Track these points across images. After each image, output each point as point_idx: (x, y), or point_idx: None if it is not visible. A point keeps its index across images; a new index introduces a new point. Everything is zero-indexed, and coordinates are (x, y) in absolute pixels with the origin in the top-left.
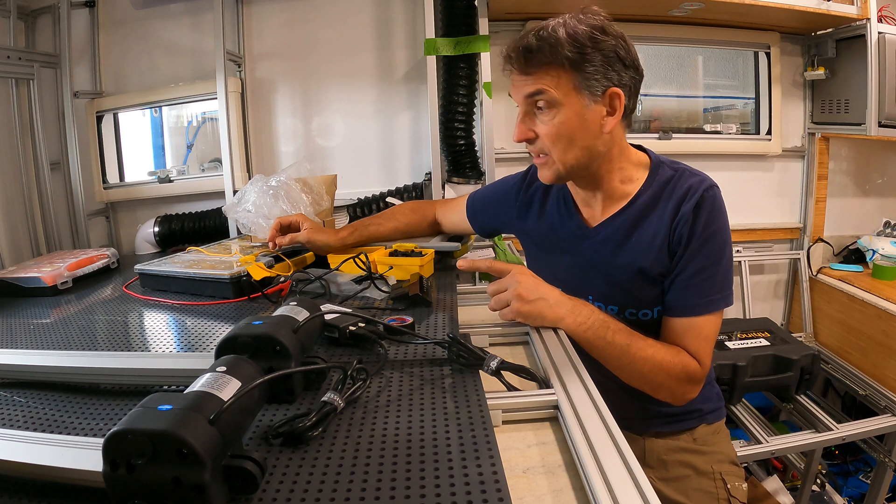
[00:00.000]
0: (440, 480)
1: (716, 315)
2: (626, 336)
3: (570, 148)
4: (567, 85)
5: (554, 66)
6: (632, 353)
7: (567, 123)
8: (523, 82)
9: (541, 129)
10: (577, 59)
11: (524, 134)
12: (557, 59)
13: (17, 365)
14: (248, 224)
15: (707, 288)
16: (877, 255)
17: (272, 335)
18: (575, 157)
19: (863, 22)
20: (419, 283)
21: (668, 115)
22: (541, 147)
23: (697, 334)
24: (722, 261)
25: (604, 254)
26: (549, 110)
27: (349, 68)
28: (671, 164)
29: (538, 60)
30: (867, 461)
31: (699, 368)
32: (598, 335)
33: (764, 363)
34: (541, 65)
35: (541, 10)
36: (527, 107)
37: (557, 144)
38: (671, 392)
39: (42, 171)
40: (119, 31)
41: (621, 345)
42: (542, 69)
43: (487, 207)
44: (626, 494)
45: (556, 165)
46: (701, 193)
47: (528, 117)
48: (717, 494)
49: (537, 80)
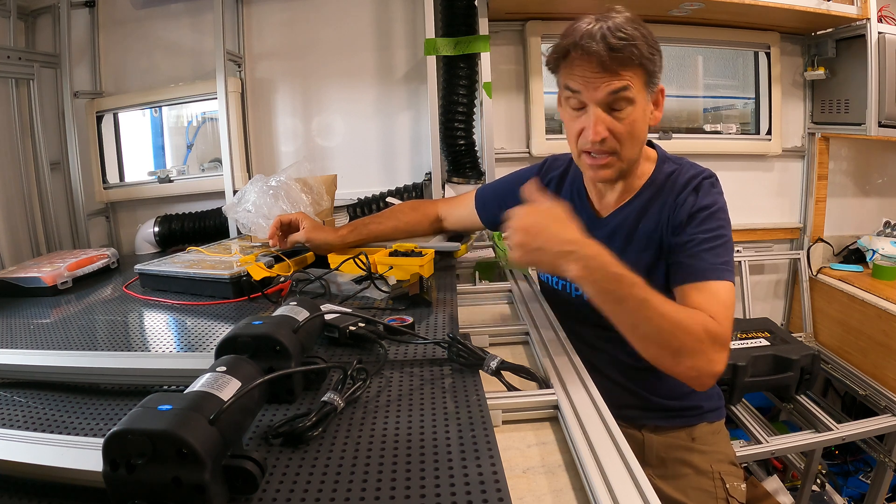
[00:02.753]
0: (440, 480)
1: (726, 284)
2: (642, 291)
3: (636, 144)
4: (641, 84)
5: (633, 65)
6: (649, 310)
7: (639, 121)
8: (605, 80)
9: (616, 127)
10: (649, 58)
11: (602, 133)
12: (639, 57)
13: (17, 365)
14: (248, 224)
15: (714, 256)
16: (877, 255)
17: (272, 335)
18: (636, 153)
19: (863, 22)
20: (419, 283)
21: (668, 115)
22: (612, 145)
23: (713, 297)
24: (725, 235)
25: (613, 244)
26: (626, 108)
27: (349, 68)
28: (675, 159)
29: (623, 59)
30: (867, 461)
31: (722, 329)
32: (610, 288)
33: (764, 363)
34: (624, 63)
35: (541, 10)
36: (604, 105)
37: (631, 140)
38: (693, 357)
39: (42, 171)
40: (119, 31)
41: (637, 299)
42: (625, 67)
43: (499, 198)
44: (626, 495)
45: (622, 163)
46: (700, 180)
47: (603, 116)
48: (715, 494)
49: (622, 77)
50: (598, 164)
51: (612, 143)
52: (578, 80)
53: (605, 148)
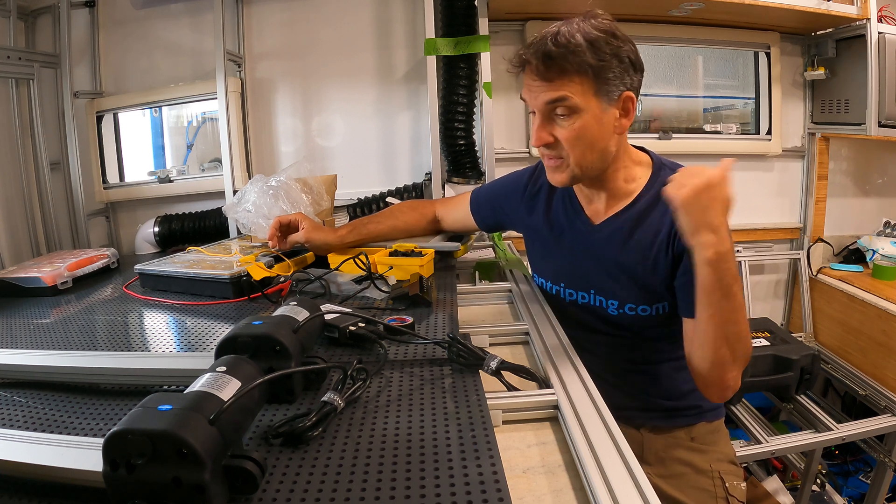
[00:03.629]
0: (440, 480)
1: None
2: (741, 294)
3: (589, 151)
4: (588, 91)
5: (576, 73)
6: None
7: (587, 128)
8: (543, 88)
9: (560, 134)
10: (597, 66)
11: (544, 139)
12: (580, 66)
13: (17, 365)
14: (248, 224)
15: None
16: (877, 255)
17: (272, 335)
18: (592, 160)
19: (863, 22)
20: (419, 283)
21: (668, 115)
22: (558, 151)
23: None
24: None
25: (607, 250)
26: (569, 116)
27: (349, 68)
28: (672, 165)
29: (560, 67)
30: (867, 461)
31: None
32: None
33: (764, 363)
34: (563, 72)
35: (541, 10)
36: (546, 112)
37: (576, 148)
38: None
39: (42, 171)
40: (119, 31)
41: (739, 300)
42: (564, 76)
43: (493, 201)
44: (626, 495)
45: (572, 168)
46: None
47: (547, 122)
48: (714, 493)
49: (559, 86)
50: (549, 166)
51: (557, 148)
52: (525, 89)
53: (552, 153)
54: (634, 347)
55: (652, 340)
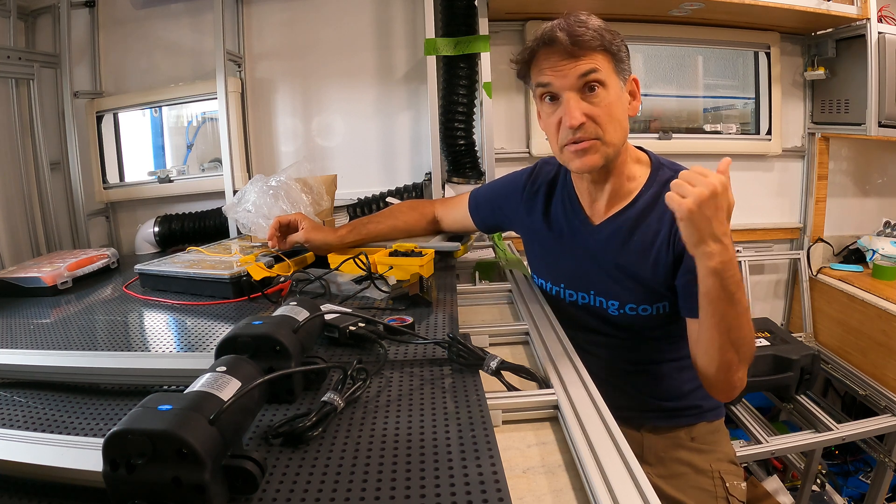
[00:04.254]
0: (440, 480)
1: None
2: (745, 298)
3: (619, 129)
4: (610, 68)
5: (599, 50)
6: (744, 319)
7: (616, 104)
8: (572, 65)
9: (594, 111)
10: (613, 45)
11: (580, 118)
12: (602, 43)
13: (17, 365)
14: (248, 224)
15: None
16: (877, 255)
17: (272, 335)
18: (620, 138)
19: (863, 22)
20: (419, 283)
21: (668, 115)
22: (593, 130)
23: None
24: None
25: (607, 250)
26: (600, 91)
27: (349, 68)
28: (671, 165)
29: (587, 44)
30: (867, 461)
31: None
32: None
33: (764, 363)
34: (589, 48)
35: (541, 10)
36: (577, 91)
37: (611, 123)
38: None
39: (42, 171)
40: (119, 31)
41: (743, 304)
42: (590, 52)
43: (492, 201)
44: (626, 495)
45: (606, 148)
46: None
47: (578, 101)
48: (715, 493)
49: (589, 60)
50: (581, 148)
51: (592, 127)
52: (547, 73)
53: (586, 133)
54: (635, 348)
55: (652, 340)
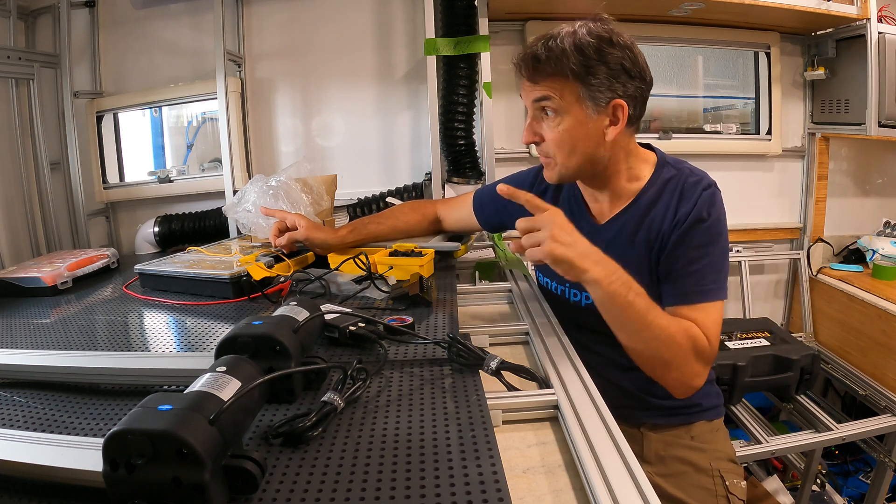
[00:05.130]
0: (440, 480)
1: (717, 304)
2: (645, 300)
3: (573, 154)
4: (571, 96)
5: (559, 76)
6: (649, 319)
7: (570, 131)
8: (530, 88)
9: (547, 134)
10: (581, 71)
11: (530, 137)
12: (562, 70)
13: (17, 365)
14: (248, 224)
15: (705, 276)
16: (877, 255)
17: (272, 335)
18: (577, 163)
19: (863, 22)
20: (419, 283)
21: (668, 115)
22: (544, 150)
23: (705, 317)
24: (719, 251)
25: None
26: (554, 116)
27: (349, 68)
28: (675, 163)
29: (544, 71)
30: (867, 461)
31: (706, 343)
32: (621, 293)
33: (764, 363)
34: (547, 75)
35: (541, 10)
36: (535, 111)
37: (561, 150)
38: (680, 370)
39: (42, 171)
40: (119, 31)
41: (640, 308)
42: (548, 79)
43: (496, 201)
44: (626, 495)
45: (559, 168)
46: (699, 193)
47: (536, 121)
48: (715, 491)
49: (543, 87)
50: (542, 163)
51: (545, 147)
52: (522, 88)
53: (542, 151)
54: None
55: None
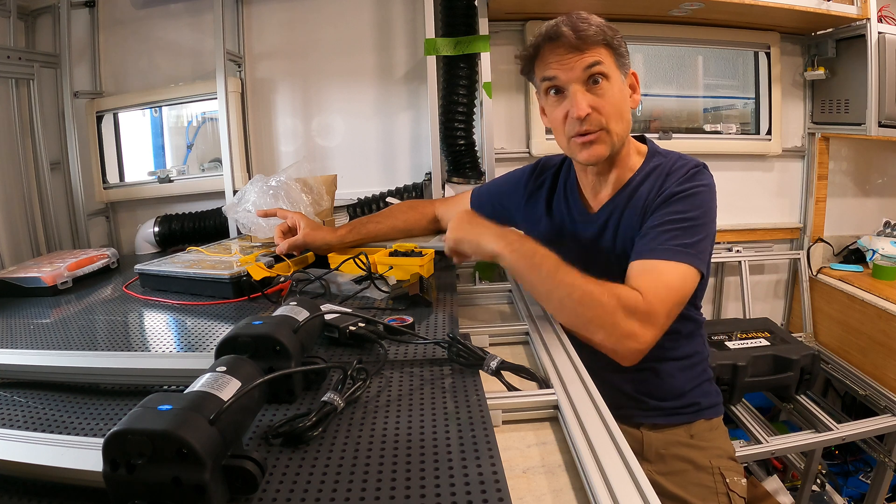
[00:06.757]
0: (440, 480)
1: (679, 266)
2: (553, 261)
3: (621, 120)
4: (611, 62)
5: (600, 44)
6: (557, 279)
7: (619, 96)
8: (577, 58)
9: (598, 103)
10: (614, 41)
11: (586, 109)
12: (604, 37)
13: (17, 365)
14: (248, 224)
15: (673, 237)
16: (877, 255)
17: (272, 335)
18: (624, 129)
19: (863, 22)
20: (419, 283)
21: (668, 115)
22: (598, 121)
23: (652, 274)
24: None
25: (605, 236)
26: (604, 83)
27: (349, 68)
28: (665, 153)
29: (591, 38)
30: (867, 461)
31: (640, 300)
32: (525, 257)
33: (764, 363)
34: (592, 42)
35: (541, 10)
36: (582, 83)
37: (614, 115)
38: (606, 329)
39: (42, 171)
40: (119, 31)
41: (548, 268)
42: (593, 46)
43: (494, 199)
44: (626, 495)
45: (612, 138)
46: (686, 170)
47: (582, 94)
48: (715, 489)
49: (593, 53)
50: (588, 140)
51: (597, 118)
52: (553, 66)
53: (592, 125)
54: None
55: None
